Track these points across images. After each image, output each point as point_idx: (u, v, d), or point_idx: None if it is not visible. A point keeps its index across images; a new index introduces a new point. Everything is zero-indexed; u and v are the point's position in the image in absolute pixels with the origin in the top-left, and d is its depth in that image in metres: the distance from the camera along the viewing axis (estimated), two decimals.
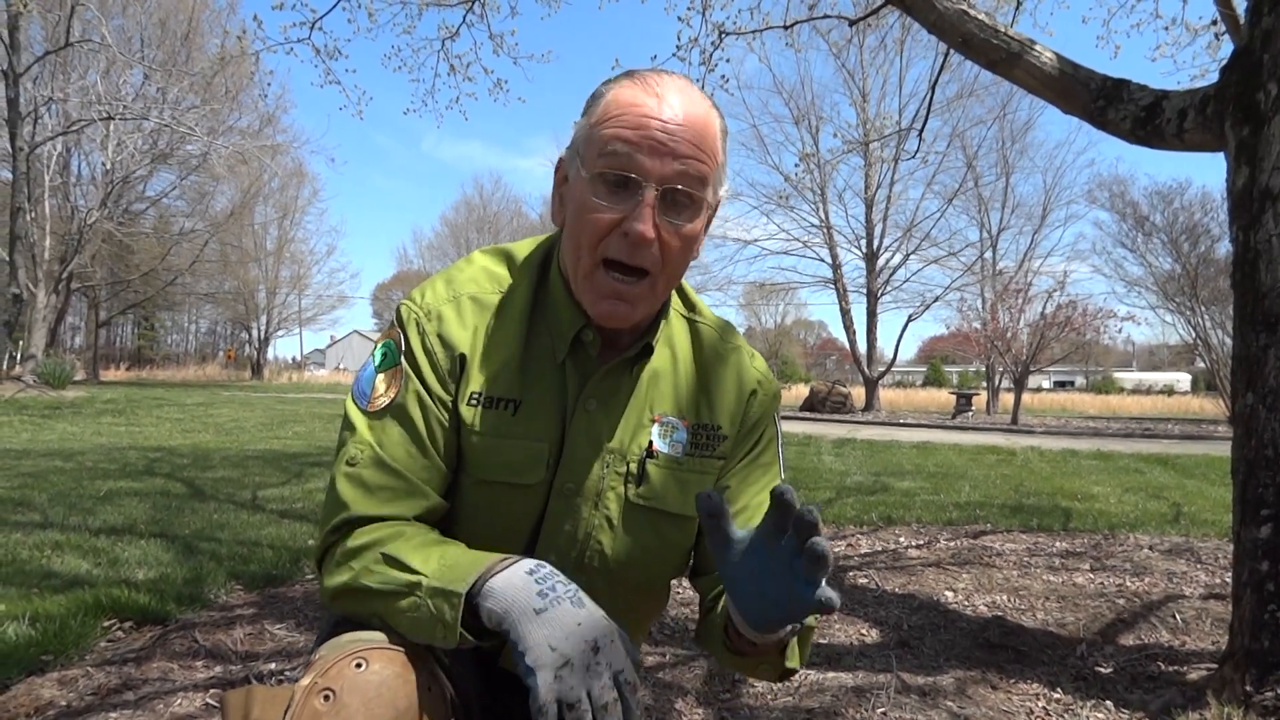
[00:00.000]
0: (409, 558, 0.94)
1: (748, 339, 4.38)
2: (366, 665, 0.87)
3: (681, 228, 1.01)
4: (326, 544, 1.04)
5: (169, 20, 25.05)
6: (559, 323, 1.10)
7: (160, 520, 4.56)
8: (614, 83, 1.04)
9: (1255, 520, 2.20)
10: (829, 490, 6.73)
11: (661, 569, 1.19)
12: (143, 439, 9.66)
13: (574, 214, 1.02)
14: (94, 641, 2.66)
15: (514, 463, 1.08)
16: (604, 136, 0.99)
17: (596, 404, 1.10)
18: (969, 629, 3.09)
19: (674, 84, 1.02)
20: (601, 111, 1.01)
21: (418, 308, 1.10)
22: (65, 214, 25.19)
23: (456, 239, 54.68)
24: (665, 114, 0.98)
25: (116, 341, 54.67)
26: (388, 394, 1.06)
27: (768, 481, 1.22)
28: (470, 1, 6.04)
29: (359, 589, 0.97)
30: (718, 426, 1.17)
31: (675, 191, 0.99)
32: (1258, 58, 2.30)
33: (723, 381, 1.18)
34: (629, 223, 0.97)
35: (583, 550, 1.11)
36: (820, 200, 25.96)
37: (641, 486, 1.12)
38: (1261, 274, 2.24)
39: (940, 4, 3.07)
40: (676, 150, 0.98)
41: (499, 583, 0.88)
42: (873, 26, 6.78)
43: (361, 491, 1.02)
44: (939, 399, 31.07)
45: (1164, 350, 46.54)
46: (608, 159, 0.98)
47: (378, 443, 1.04)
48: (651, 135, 0.97)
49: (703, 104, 1.02)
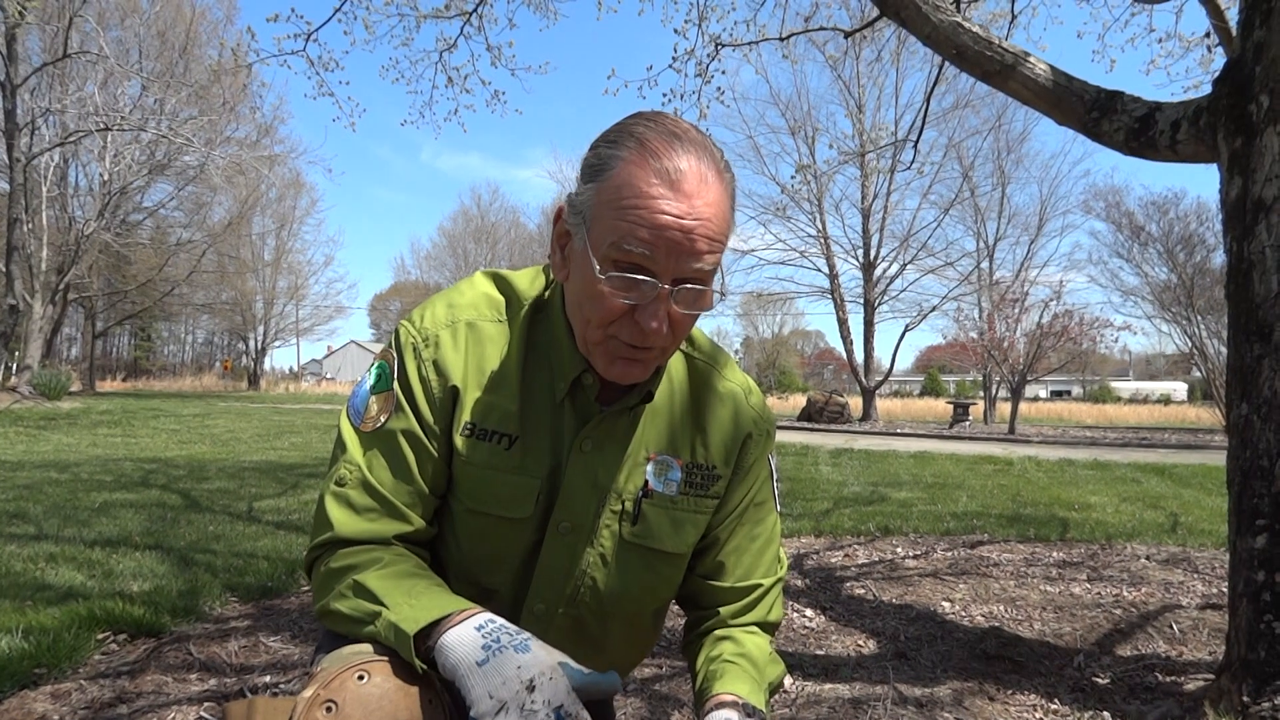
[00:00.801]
0: (377, 587, 0.97)
1: (746, 348, 4.33)
2: (369, 678, 0.89)
3: (692, 305, 0.99)
4: (313, 557, 1.08)
5: (167, 32, 25.10)
6: (560, 363, 1.09)
7: (155, 532, 4.55)
8: (625, 152, 0.95)
9: (1250, 530, 2.20)
10: (826, 501, 6.72)
11: (653, 602, 1.21)
12: (138, 450, 9.64)
13: (581, 288, 0.99)
14: (88, 654, 2.64)
15: (503, 496, 1.09)
16: (617, 226, 0.93)
17: (593, 445, 1.10)
18: (966, 640, 3.08)
19: (692, 164, 0.93)
20: (615, 190, 0.94)
21: (416, 331, 1.10)
22: (62, 225, 25.18)
23: (454, 249, 54.78)
24: (683, 211, 0.92)
25: (113, 352, 54.56)
26: (379, 417, 1.08)
27: (763, 518, 1.24)
28: (468, 14, 6.07)
29: (333, 612, 1.01)
30: (713, 466, 1.17)
31: (688, 285, 0.96)
32: (1249, 70, 2.31)
33: (719, 421, 1.18)
34: (641, 317, 0.96)
35: (577, 585, 1.13)
36: (817, 210, 26.05)
37: (636, 525, 1.13)
38: (1255, 284, 2.25)
39: (934, 17, 3.09)
40: (694, 248, 0.94)
41: (450, 639, 0.89)
42: (868, 39, 6.82)
43: (348, 512, 1.05)
44: (936, 408, 31.11)
45: (1160, 359, 46.67)
46: (622, 252, 0.93)
47: (366, 465, 1.06)
48: (668, 237, 0.92)
49: (718, 185, 0.95)
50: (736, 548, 1.21)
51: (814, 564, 4.39)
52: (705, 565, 1.21)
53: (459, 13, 6.08)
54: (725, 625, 1.21)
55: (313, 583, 1.08)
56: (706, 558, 1.21)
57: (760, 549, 1.23)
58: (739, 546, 1.21)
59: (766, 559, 1.24)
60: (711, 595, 1.22)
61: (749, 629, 1.21)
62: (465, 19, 6.09)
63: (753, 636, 1.19)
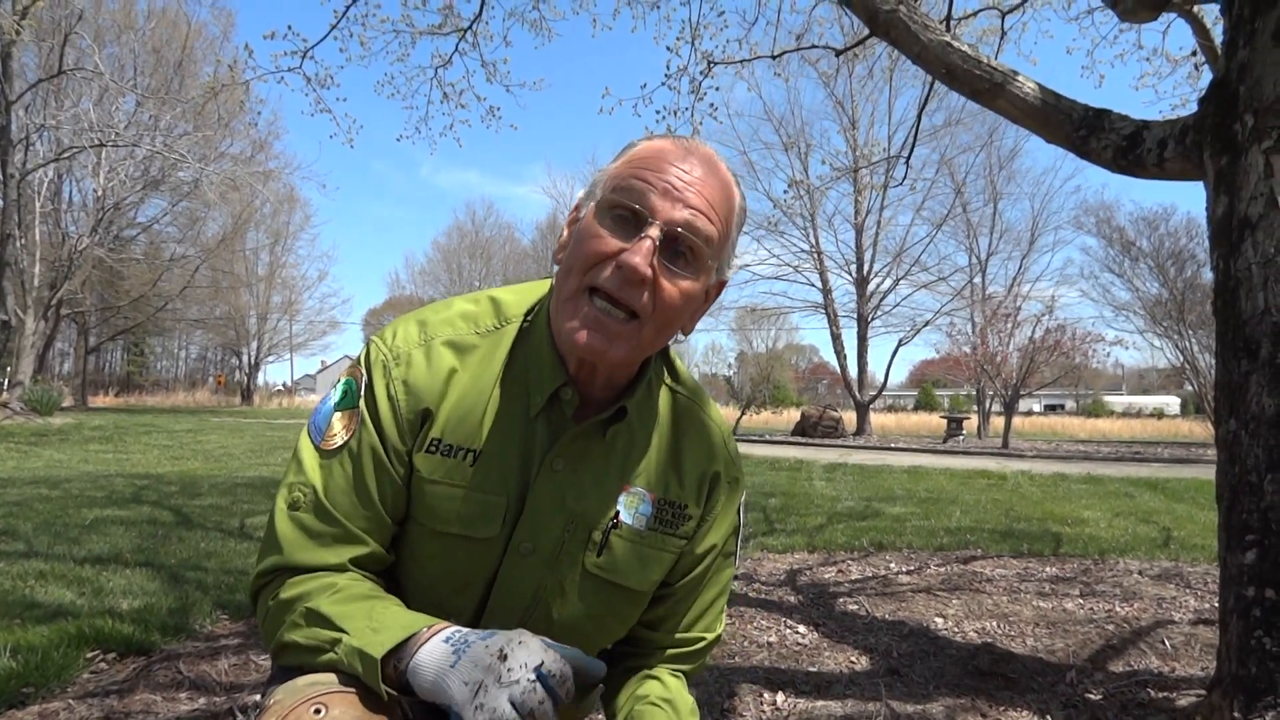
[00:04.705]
0: (332, 613, 0.93)
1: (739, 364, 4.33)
2: (326, 711, 0.85)
3: (679, 278, 0.97)
4: (259, 585, 1.03)
5: (163, 48, 25.17)
6: (539, 376, 1.05)
7: (146, 549, 4.52)
8: (649, 137, 1.05)
9: (1240, 546, 2.21)
10: (820, 516, 6.72)
11: (603, 637, 1.16)
12: (130, 466, 9.59)
13: (575, 242, 1.00)
14: (76, 673, 2.63)
15: (468, 515, 1.04)
16: (623, 174, 0.99)
17: (564, 464, 1.06)
18: (959, 656, 3.08)
19: (705, 150, 1.03)
20: (628, 156, 1.02)
21: (387, 349, 1.06)
22: (56, 240, 25.12)
23: (448, 264, 54.76)
24: (687, 165, 0.99)
25: (106, 368, 54.31)
26: (342, 434, 1.03)
27: (724, 571, 1.22)
28: (463, 30, 6.11)
29: (288, 644, 0.96)
30: (684, 505, 1.13)
31: (678, 238, 0.97)
32: (1234, 89, 2.34)
33: (695, 457, 1.15)
34: (626, 255, 0.94)
35: (530, 611, 1.09)
36: (810, 226, 26.17)
37: (602, 557, 1.09)
38: (1242, 301, 2.26)
39: (924, 36, 3.12)
40: (689, 199, 0.97)
41: (422, 658, 0.87)
42: (860, 56, 6.87)
43: (300, 535, 1.00)
44: (930, 423, 31.12)
45: (1153, 374, 46.79)
46: (621, 193, 0.97)
47: (323, 486, 1.01)
48: (668, 179, 0.97)
49: (726, 176, 1.03)
50: (690, 600, 1.18)
51: (807, 580, 4.38)
52: (655, 612, 1.17)
53: (454, 29, 6.11)
54: (652, 667, 1.18)
55: (259, 614, 1.02)
56: (659, 606, 1.17)
57: (711, 602, 1.21)
58: (693, 599, 1.18)
59: (714, 613, 1.22)
60: (651, 641, 1.19)
61: (675, 674, 1.18)
62: (460, 35, 6.12)
63: (678, 682, 1.17)
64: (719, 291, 1.09)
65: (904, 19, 3.15)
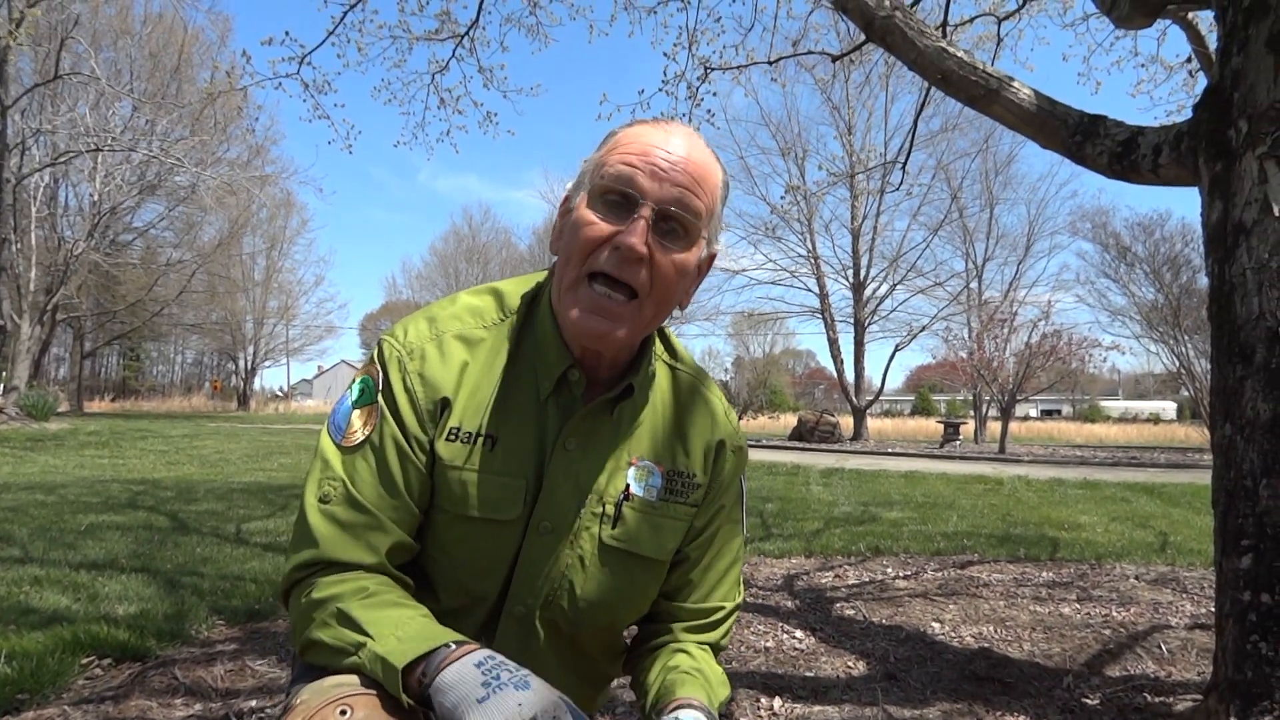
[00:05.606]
0: (362, 617, 0.94)
1: (737, 367, 4.32)
2: (351, 713, 0.86)
3: (673, 253, 1.03)
4: (293, 580, 1.04)
5: (160, 53, 25.15)
6: (545, 361, 1.10)
7: (142, 554, 4.51)
8: (630, 123, 1.10)
9: (1236, 550, 2.21)
10: (817, 520, 6.72)
11: (626, 611, 1.19)
12: (126, 471, 9.57)
13: (570, 231, 1.05)
14: (72, 680, 2.62)
15: (491, 498, 1.07)
16: (608, 160, 1.04)
17: (576, 444, 1.10)
18: (956, 661, 3.08)
19: (684, 129, 1.08)
20: (612, 143, 1.07)
21: (400, 345, 1.09)
22: (51, 245, 25.10)
23: (445, 269, 54.75)
24: (670, 146, 1.04)
25: (101, 373, 54.22)
26: (363, 430, 1.06)
27: (733, 538, 1.25)
28: (460, 36, 6.12)
29: (315, 643, 0.98)
30: (693, 474, 1.18)
31: (670, 215, 1.02)
32: (1228, 95, 2.35)
33: (699, 429, 1.20)
34: (621, 236, 1.00)
35: (554, 587, 1.12)
36: (807, 231, 26.21)
37: (616, 528, 1.12)
38: (1237, 306, 2.27)
39: (920, 42, 3.13)
40: (675, 178, 1.02)
41: (450, 676, 0.87)
42: (856, 62, 6.90)
43: (334, 528, 1.02)
44: (927, 428, 31.14)
45: (1149, 379, 46.88)
46: (610, 179, 1.02)
47: (350, 479, 1.04)
48: (654, 160, 1.02)
49: (707, 152, 1.08)
50: (705, 566, 1.21)
51: (804, 584, 4.38)
52: (672, 582, 1.21)
53: (451, 35, 6.12)
54: (679, 640, 1.20)
55: (290, 612, 1.04)
56: (675, 574, 1.21)
57: (726, 569, 1.24)
58: (708, 565, 1.22)
59: (730, 581, 1.25)
60: (672, 612, 1.22)
61: (702, 647, 1.21)
62: (457, 41, 6.13)
63: (706, 654, 1.19)
64: (710, 264, 1.14)
65: (900, 25, 3.16)
